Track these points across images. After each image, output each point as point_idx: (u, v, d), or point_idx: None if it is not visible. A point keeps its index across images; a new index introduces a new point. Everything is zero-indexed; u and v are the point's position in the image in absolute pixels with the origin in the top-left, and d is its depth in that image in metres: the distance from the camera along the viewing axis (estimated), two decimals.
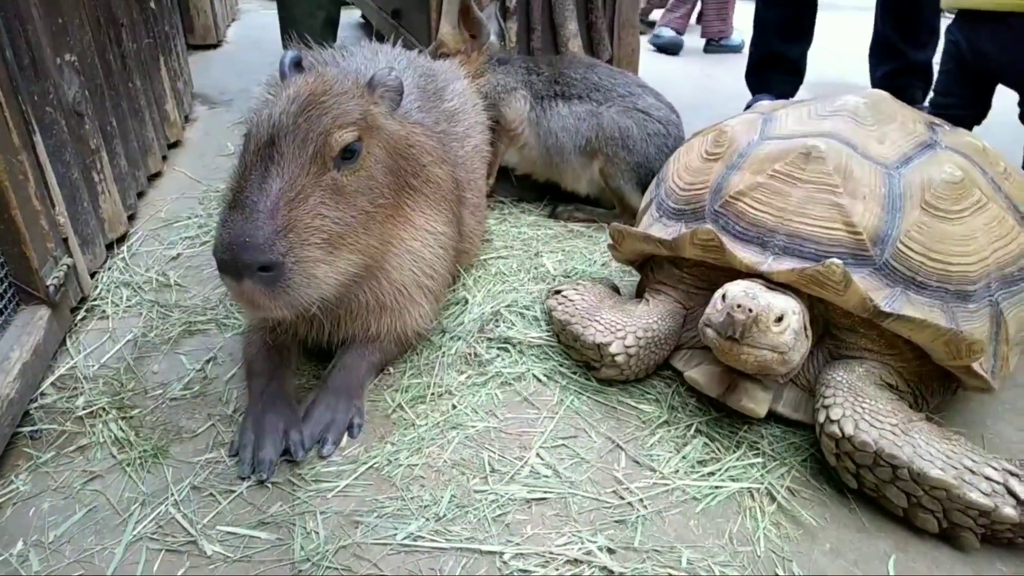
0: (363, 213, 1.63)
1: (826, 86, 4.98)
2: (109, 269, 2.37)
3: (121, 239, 2.55)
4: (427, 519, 1.49)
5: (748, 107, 3.92)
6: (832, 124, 1.82)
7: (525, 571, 1.39)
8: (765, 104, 2.11)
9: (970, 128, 3.49)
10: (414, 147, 1.86)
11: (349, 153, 1.59)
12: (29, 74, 1.97)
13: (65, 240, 2.05)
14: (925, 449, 1.46)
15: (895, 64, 3.91)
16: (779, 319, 1.54)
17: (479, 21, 2.89)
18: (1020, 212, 1.78)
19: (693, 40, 6.64)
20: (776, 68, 4.13)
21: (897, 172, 1.71)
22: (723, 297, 1.59)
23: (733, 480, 1.61)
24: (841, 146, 1.74)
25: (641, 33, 4.49)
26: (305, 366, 1.98)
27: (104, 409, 1.77)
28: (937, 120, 1.92)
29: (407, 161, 1.82)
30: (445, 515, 1.50)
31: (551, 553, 1.42)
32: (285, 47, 2.52)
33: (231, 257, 1.41)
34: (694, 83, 5.35)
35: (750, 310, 1.51)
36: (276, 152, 1.50)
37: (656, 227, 1.96)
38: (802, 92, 4.17)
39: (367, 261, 1.69)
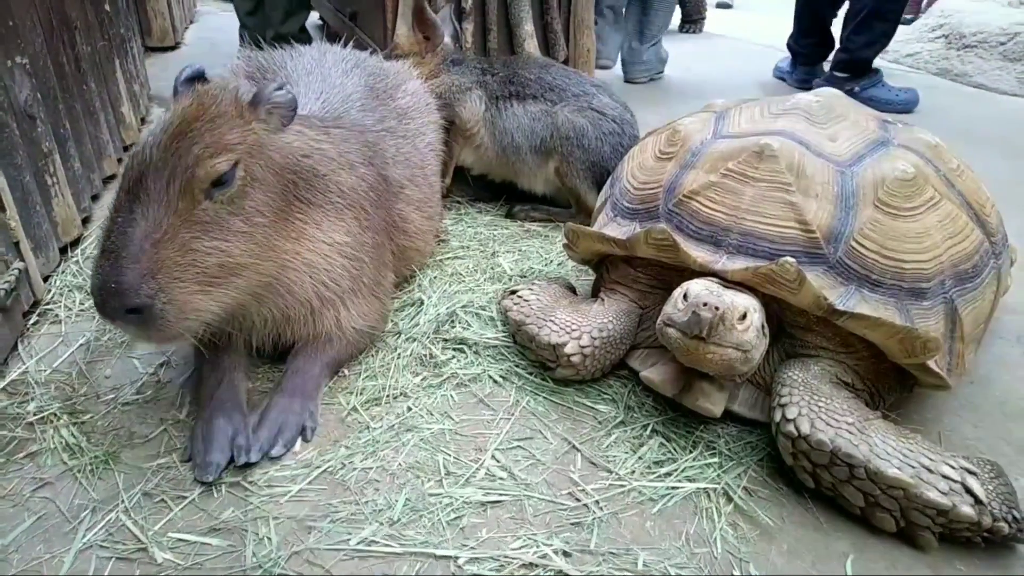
0: (243, 236, 1.61)
1: None
2: (63, 273, 2.33)
3: (75, 242, 2.51)
4: (381, 523, 1.48)
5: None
6: (785, 122, 1.82)
7: None
8: (719, 103, 2.11)
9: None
10: (311, 157, 1.82)
11: (222, 180, 1.56)
12: None
13: (16, 244, 2.01)
14: (882, 448, 1.46)
15: None
16: (743, 316, 1.54)
17: (433, 23, 2.90)
18: (973, 209, 1.79)
19: None
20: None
21: (850, 170, 1.71)
22: (684, 296, 1.58)
23: (689, 480, 1.61)
24: (794, 144, 1.74)
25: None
26: (261, 368, 1.97)
27: (55, 415, 1.74)
28: (890, 118, 1.93)
29: (299, 174, 1.77)
30: (399, 519, 1.49)
31: (506, 557, 1.41)
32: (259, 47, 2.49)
33: (100, 301, 1.46)
34: None
35: (716, 308, 1.51)
36: (143, 191, 1.48)
37: (611, 227, 1.96)
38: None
39: (256, 281, 1.68)
